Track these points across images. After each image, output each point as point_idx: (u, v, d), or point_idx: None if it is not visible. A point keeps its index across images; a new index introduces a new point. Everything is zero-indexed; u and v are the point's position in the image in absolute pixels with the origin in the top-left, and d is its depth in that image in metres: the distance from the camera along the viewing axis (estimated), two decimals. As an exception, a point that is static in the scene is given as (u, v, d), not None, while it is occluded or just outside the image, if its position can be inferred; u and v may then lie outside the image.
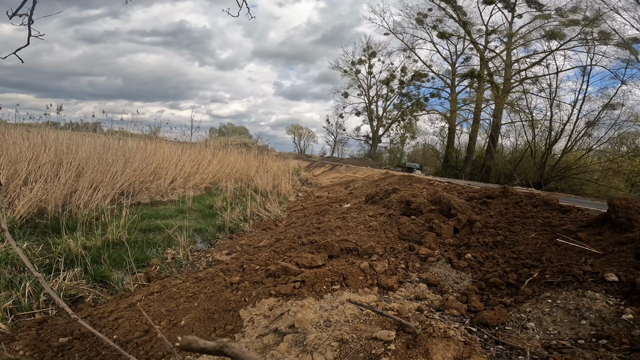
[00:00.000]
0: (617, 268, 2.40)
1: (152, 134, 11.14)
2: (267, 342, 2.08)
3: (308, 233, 4.06)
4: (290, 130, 61.20)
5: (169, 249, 4.39)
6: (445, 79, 33.06)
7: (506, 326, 2.25)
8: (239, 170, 12.62)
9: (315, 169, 30.00)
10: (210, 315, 2.48)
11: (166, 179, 9.09)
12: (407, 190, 5.37)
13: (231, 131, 47.14)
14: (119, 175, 6.88)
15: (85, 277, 3.26)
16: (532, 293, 2.49)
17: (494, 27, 27.39)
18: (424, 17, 30.94)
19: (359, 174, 18.49)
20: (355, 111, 42.17)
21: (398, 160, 40.31)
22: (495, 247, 3.40)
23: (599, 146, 22.65)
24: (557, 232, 3.23)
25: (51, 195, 5.11)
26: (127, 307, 2.54)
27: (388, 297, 2.68)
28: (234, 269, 3.07)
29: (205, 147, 13.09)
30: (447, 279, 3.08)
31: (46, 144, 6.48)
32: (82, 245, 3.82)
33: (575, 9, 22.46)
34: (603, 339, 1.87)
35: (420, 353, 1.76)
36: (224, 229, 5.79)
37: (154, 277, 3.48)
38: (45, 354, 2.12)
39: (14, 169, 5.40)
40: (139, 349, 2.18)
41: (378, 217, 4.27)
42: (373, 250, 3.29)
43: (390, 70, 38.37)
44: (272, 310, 2.42)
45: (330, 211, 5.79)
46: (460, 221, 3.91)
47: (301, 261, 2.97)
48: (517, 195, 4.48)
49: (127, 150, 8.37)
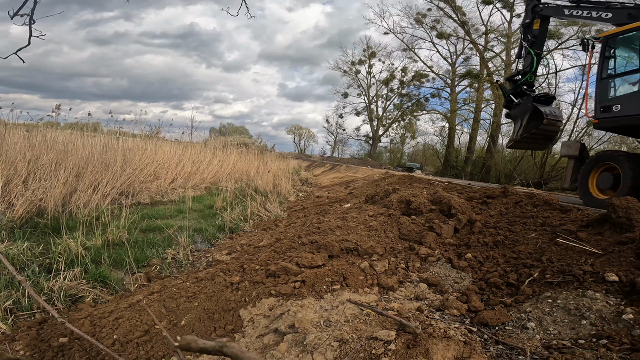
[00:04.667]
0: (618, 268, 2.40)
1: (152, 134, 11.14)
2: (267, 342, 2.08)
3: (308, 233, 4.06)
4: (290, 131, 61.27)
5: (169, 249, 4.39)
6: (445, 79, 33.07)
7: (506, 326, 2.25)
8: (239, 170, 12.61)
9: (315, 169, 30.00)
10: (211, 315, 2.48)
11: (166, 179, 9.09)
12: (407, 190, 5.37)
13: (231, 131, 47.17)
14: (119, 175, 6.88)
15: (85, 277, 3.26)
16: (533, 293, 2.49)
17: (492, 27, 27.39)
18: (422, 17, 30.93)
19: (359, 173, 18.49)
20: (355, 111, 42.18)
21: (398, 160, 40.30)
22: (495, 247, 3.40)
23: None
24: (558, 232, 3.23)
25: (51, 195, 5.11)
26: (127, 307, 2.54)
27: (388, 297, 2.68)
28: (234, 269, 3.06)
29: (205, 147, 13.09)
30: (447, 279, 3.08)
31: (46, 144, 6.48)
32: (82, 245, 3.81)
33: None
34: (603, 339, 1.87)
35: (420, 353, 1.76)
36: (224, 229, 5.79)
37: (154, 277, 3.48)
38: (46, 354, 2.12)
39: (14, 169, 5.40)
40: (139, 349, 2.18)
41: (378, 217, 4.27)
42: (373, 250, 3.29)
43: (390, 71, 38.40)
44: (272, 310, 2.42)
45: (331, 211, 5.79)
46: (461, 221, 3.91)
47: (301, 261, 2.97)
48: (517, 195, 4.48)
49: (127, 150, 8.37)
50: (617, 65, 6.07)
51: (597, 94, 6.22)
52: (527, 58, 7.68)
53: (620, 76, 5.97)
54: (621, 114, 5.64)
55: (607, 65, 6.12)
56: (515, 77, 7.99)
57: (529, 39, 7.69)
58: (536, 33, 7.62)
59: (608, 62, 6.11)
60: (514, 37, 25.89)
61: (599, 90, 6.18)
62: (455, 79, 31.59)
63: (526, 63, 7.75)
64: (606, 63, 6.12)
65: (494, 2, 26.27)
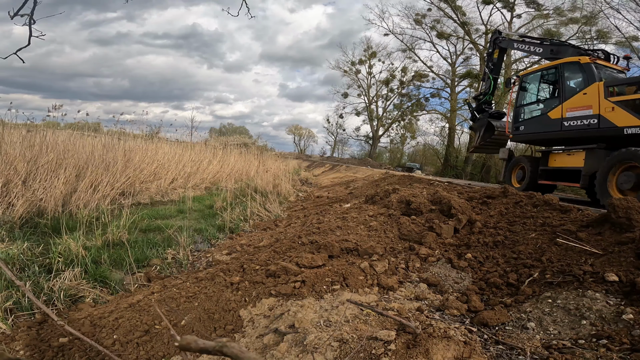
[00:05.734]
0: (618, 268, 2.40)
1: (152, 134, 11.13)
2: (267, 342, 2.08)
3: (308, 233, 4.06)
4: (290, 131, 61.30)
5: (169, 249, 4.39)
6: (445, 79, 33.08)
7: (506, 326, 2.25)
8: (239, 170, 12.61)
9: (315, 169, 29.99)
10: (211, 315, 2.48)
11: (166, 179, 9.08)
12: (407, 190, 5.37)
13: (231, 131, 47.20)
14: (119, 175, 6.87)
15: (85, 277, 3.25)
16: (533, 293, 2.49)
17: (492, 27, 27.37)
18: (422, 18, 30.92)
19: (359, 174, 18.49)
20: (355, 111, 42.16)
21: (398, 160, 40.30)
22: (495, 247, 3.40)
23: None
24: (557, 232, 3.23)
25: (51, 195, 5.11)
26: (127, 307, 2.54)
27: (388, 297, 2.68)
28: (234, 269, 3.06)
29: (205, 147, 13.09)
30: (447, 279, 3.08)
31: (47, 144, 6.48)
32: (83, 245, 3.81)
33: (574, 8, 22.43)
34: (603, 339, 1.87)
35: (420, 353, 1.76)
36: (224, 229, 5.79)
37: (154, 277, 3.48)
38: (46, 354, 2.12)
39: (14, 168, 5.40)
40: (139, 349, 2.18)
41: (378, 217, 4.27)
42: (373, 250, 3.29)
43: (390, 71, 38.38)
44: (272, 310, 2.42)
45: (331, 211, 5.79)
46: (461, 221, 3.91)
47: (301, 261, 2.97)
48: (517, 195, 4.48)
49: (127, 150, 8.37)
50: (526, 98, 8.14)
51: (512, 118, 8.50)
52: (487, 82, 9.76)
53: (525, 106, 8.12)
54: (524, 132, 7.96)
55: (520, 97, 8.23)
56: (479, 96, 10.02)
57: (490, 66, 9.74)
58: (495, 61, 9.64)
59: (520, 95, 8.23)
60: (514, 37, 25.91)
61: (514, 115, 8.43)
62: (455, 79, 31.58)
63: (487, 86, 9.81)
64: (520, 95, 8.22)
65: (494, 2, 26.26)
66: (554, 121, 7.09)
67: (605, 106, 6.07)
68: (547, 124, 7.25)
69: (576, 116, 6.59)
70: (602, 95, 6.15)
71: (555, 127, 7.06)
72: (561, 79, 7.15)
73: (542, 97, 7.79)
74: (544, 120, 7.36)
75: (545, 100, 7.65)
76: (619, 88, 6.16)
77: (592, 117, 6.29)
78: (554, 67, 7.41)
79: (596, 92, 6.26)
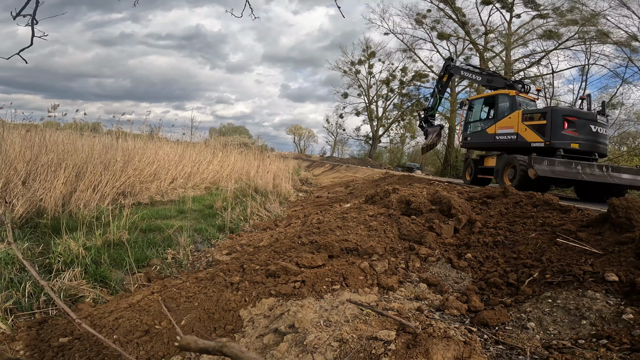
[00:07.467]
0: (618, 268, 2.40)
1: (153, 134, 11.12)
2: (267, 342, 2.08)
3: (308, 233, 4.06)
4: (290, 131, 61.32)
5: (169, 249, 4.39)
6: (445, 79, 33.04)
7: (506, 326, 2.25)
8: (239, 170, 12.61)
9: (315, 169, 29.99)
10: (211, 315, 2.48)
11: (166, 179, 9.08)
12: (407, 190, 5.37)
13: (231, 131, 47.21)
14: (119, 175, 6.87)
15: (85, 277, 3.25)
16: (533, 293, 2.49)
17: (492, 27, 27.37)
18: (422, 18, 30.89)
19: (359, 174, 18.49)
20: (355, 111, 42.11)
21: (398, 160, 40.29)
22: (495, 247, 3.40)
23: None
24: (557, 232, 3.23)
25: (51, 195, 5.11)
26: (127, 307, 2.54)
27: (388, 297, 2.68)
28: (234, 269, 3.06)
29: (206, 147, 13.08)
30: (447, 279, 3.08)
31: (46, 144, 6.48)
32: (83, 245, 3.81)
33: (572, 8, 22.40)
34: (603, 339, 1.87)
35: (420, 353, 1.76)
36: (224, 229, 5.79)
37: (154, 277, 3.48)
38: (46, 354, 2.12)
39: (14, 168, 5.39)
40: (139, 349, 2.18)
41: (378, 217, 4.27)
42: (373, 250, 3.29)
43: (390, 71, 38.35)
44: (272, 310, 2.42)
45: (331, 211, 5.79)
46: (460, 221, 3.91)
47: (301, 261, 2.97)
48: (517, 195, 4.48)
49: (127, 150, 8.36)
50: (472, 117, 10.75)
51: (462, 131, 11.27)
52: (435, 99, 12.62)
53: (470, 123, 10.81)
54: (470, 141, 10.75)
55: (468, 116, 10.92)
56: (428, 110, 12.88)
57: (439, 87, 12.42)
58: (443, 83, 12.29)
59: (468, 114, 10.92)
60: (514, 37, 25.89)
61: (463, 129, 11.19)
62: (455, 79, 31.55)
63: (434, 102, 12.73)
64: (468, 114, 10.91)
65: (493, 3, 26.24)
66: (489, 135, 9.67)
67: (522, 127, 8.59)
68: (485, 136, 9.87)
69: (504, 132, 9.17)
70: (520, 119, 8.65)
71: (490, 139, 9.63)
72: (496, 105, 9.63)
73: (482, 117, 10.34)
74: (483, 134, 9.98)
75: (485, 119, 10.22)
76: (530, 115, 8.58)
77: (513, 134, 8.82)
78: (492, 96, 9.97)
79: (517, 117, 8.78)
